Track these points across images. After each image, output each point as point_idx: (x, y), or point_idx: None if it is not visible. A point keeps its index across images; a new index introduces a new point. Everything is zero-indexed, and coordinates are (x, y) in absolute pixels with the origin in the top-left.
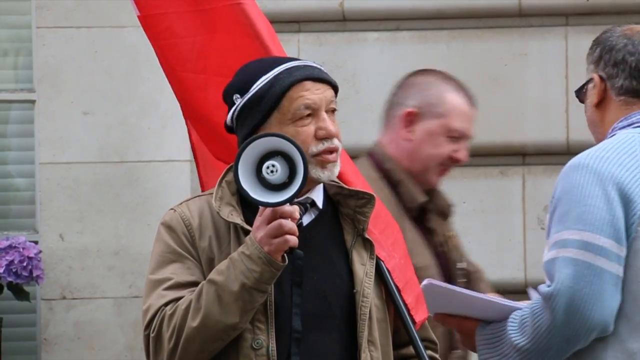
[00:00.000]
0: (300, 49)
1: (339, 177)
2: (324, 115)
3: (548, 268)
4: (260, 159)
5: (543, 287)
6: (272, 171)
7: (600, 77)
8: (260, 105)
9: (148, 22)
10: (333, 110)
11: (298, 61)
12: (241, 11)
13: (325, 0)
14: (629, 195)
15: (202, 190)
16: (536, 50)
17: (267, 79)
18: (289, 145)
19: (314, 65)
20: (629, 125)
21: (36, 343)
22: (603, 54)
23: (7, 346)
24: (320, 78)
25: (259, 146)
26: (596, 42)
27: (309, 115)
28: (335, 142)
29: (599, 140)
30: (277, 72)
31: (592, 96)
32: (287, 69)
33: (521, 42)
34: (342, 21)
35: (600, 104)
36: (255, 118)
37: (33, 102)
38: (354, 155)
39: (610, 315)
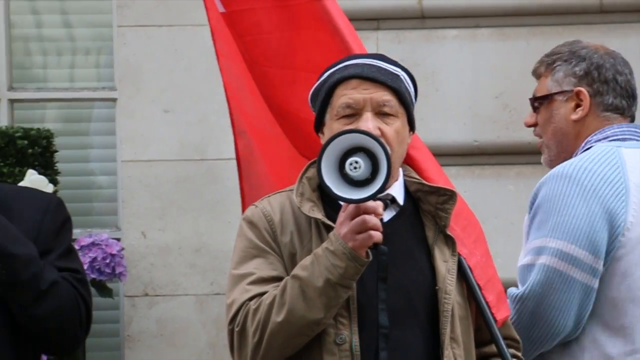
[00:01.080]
0: (379, 47)
1: (420, 174)
2: (367, 115)
3: (521, 272)
4: (343, 155)
5: (513, 290)
6: (355, 167)
7: (589, 92)
8: (317, 101)
9: (233, 18)
10: (385, 113)
11: (364, 59)
12: (321, 8)
13: None
14: (612, 208)
15: (242, 201)
16: (617, 47)
17: (325, 75)
18: (372, 142)
19: (376, 64)
20: (604, 139)
21: (119, 339)
22: (591, 71)
23: (91, 342)
24: (371, 77)
25: (342, 143)
26: (576, 57)
27: (352, 114)
28: None
29: (565, 151)
30: (334, 69)
31: (568, 108)
32: (344, 66)
33: (602, 39)
34: (421, 18)
35: (580, 118)
36: (316, 112)
37: (114, 100)
38: (434, 153)
39: (575, 323)
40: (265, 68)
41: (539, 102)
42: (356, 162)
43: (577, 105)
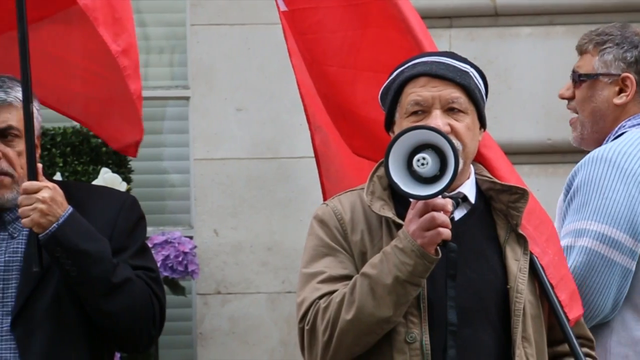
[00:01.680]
0: (452, 45)
1: (492, 172)
2: (436, 113)
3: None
4: (411, 152)
5: None
6: (422, 164)
7: (636, 80)
8: (386, 99)
9: (295, 16)
10: (455, 110)
11: (433, 56)
12: (393, 5)
13: None
14: None
15: (324, 198)
16: None
17: (394, 73)
18: (439, 138)
19: (445, 61)
20: (638, 124)
21: (192, 337)
22: (639, 59)
23: (164, 340)
24: (439, 75)
25: (409, 139)
26: (628, 42)
27: (420, 111)
28: None
29: (599, 132)
30: (404, 67)
31: (612, 92)
32: (412, 64)
33: None
34: (494, 16)
35: (623, 103)
36: (386, 111)
37: (187, 98)
38: (506, 151)
39: (613, 305)
40: (324, 67)
41: (582, 78)
42: (423, 158)
43: (621, 90)
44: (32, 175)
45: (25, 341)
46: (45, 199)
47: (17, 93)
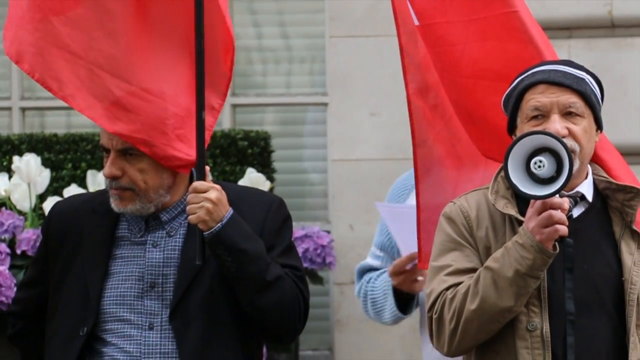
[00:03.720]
0: (571, 54)
1: (608, 172)
2: (554, 117)
3: None
4: (530, 155)
5: None
6: (539, 166)
7: None
8: (508, 105)
9: (425, 31)
10: (572, 114)
11: (551, 65)
12: (517, 18)
13: (595, 8)
14: None
15: (417, 206)
16: None
17: (516, 81)
18: (554, 142)
19: (562, 69)
20: None
21: (329, 323)
22: None
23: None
24: (557, 82)
25: (527, 143)
26: None
27: (539, 116)
28: (565, 141)
29: None
30: (524, 75)
31: None
32: (532, 73)
33: None
34: (611, 27)
35: None
36: (508, 116)
37: (326, 104)
38: (622, 152)
39: None
40: (452, 77)
41: None
42: (540, 161)
43: None
44: (201, 176)
45: (182, 332)
46: (212, 199)
47: None
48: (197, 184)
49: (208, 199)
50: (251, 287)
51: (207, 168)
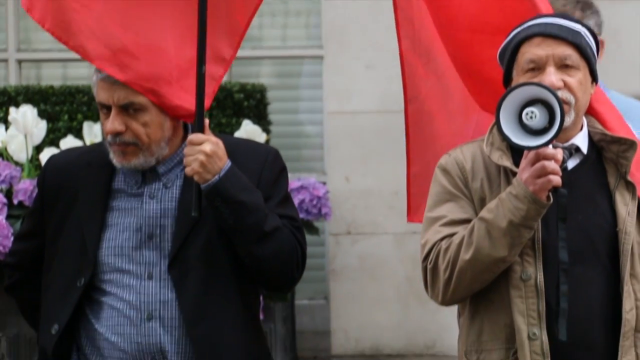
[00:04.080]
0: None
1: (603, 124)
2: (550, 69)
3: None
4: (522, 107)
5: None
6: (531, 117)
7: None
8: (504, 58)
9: None
10: (568, 66)
11: (547, 18)
12: None
13: None
14: None
15: (408, 161)
16: None
17: (511, 34)
18: (546, 93)
19: (558, 22)
20: None
21: (325, 273)
22: None
23: None
24: (552, 34)
25: (519, 95)
26: None
27: (535, 68)
28: (559, 93)
29: None
30: (520, 29)
31: None
32: (528, 26)
33: None
34: None
35: None
36: (504, 69)
37: (321, 57)
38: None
39: None
40: (449, 31)
41: None
42: (532, 112)
43: None
44: (200, 128)
45: (181, 282)
46: (207, 151)
47: None
48: (192, 136)
49: (202, 151)
50: (250, 238)
51: (207, 121)
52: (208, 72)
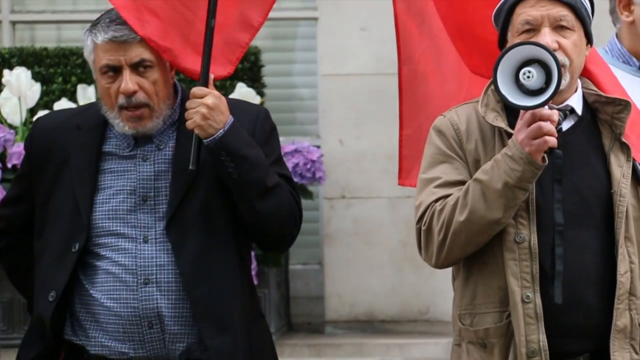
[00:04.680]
0: None
1: (598, 86)
2: (545, 30)
3: None
4: (519, 67)
5: None
6: (528, 77)
7: None
8: (499, 20)
9: None
10: (563, 27)
11: None
12: None
13: None
14: None
15: (400, 121)
16: None
17: None
18: (543, 53)
19: None
20: None
21: (319, 238)
22: None
23: None
24: None
25: (516, 54)
26: None
27: (530, 30)
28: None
29: None
30: None
31: None
32: None
33: None
34: None
35: None
36: (499, 31)
37: (315, 19)
38: None
39: None
40: None
41: None
42: (529, 71)
43: None
44: (204, 82)
45: (179, 243)
46: (209, 104)
47: None
48: (195, 89)
49: (204, 104)
50: (253, 192)
51: (212, 76)
52: (235, 38)
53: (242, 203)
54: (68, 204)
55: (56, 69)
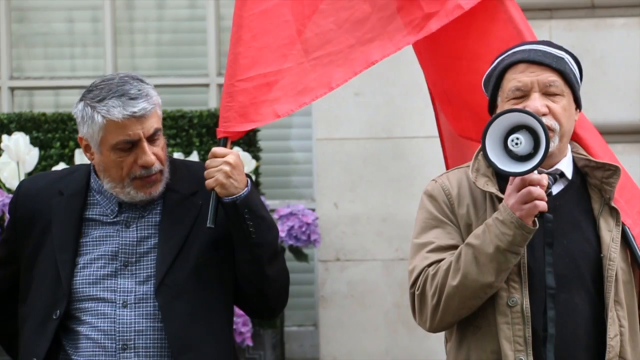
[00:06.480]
0: (552, 35)
1: (587, 150)
2: (535, 95)
3: None
4: (507, 133)
5: None
6: (516, 143)
7: None
8: (489, 85)
9: None
10: (552, 93)
11: (531, 45)
12: (499, 1)
13: None
14: None
15: (446, 166)
16: None
17: (496, 61)
18: (531, 119)
19: (542, 49)
20: None
21: (314, 300)
22: None
23: (289, 302)
24: (537, 61)
25: (504, 121)
26: None
27: (520, 95)
28: (544, 119)
29: None
30: (504, 55)
31: None
32: (512, 52)
33: None
34: (591, 8)
35: None
36: (489, 96)
37: None
38: (601, 131)
39: None
40: (431, 56)
41: None
42: (517, 138)
43: None
44: (224, 142)
45: (169, 307)
46: (231, 162)
47: (153, 95)
48: (216, 148)
49: (227, 162)
50: (266, 255)
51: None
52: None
53: (252, 265)
54: (50, 270)
55: (54, 134)
